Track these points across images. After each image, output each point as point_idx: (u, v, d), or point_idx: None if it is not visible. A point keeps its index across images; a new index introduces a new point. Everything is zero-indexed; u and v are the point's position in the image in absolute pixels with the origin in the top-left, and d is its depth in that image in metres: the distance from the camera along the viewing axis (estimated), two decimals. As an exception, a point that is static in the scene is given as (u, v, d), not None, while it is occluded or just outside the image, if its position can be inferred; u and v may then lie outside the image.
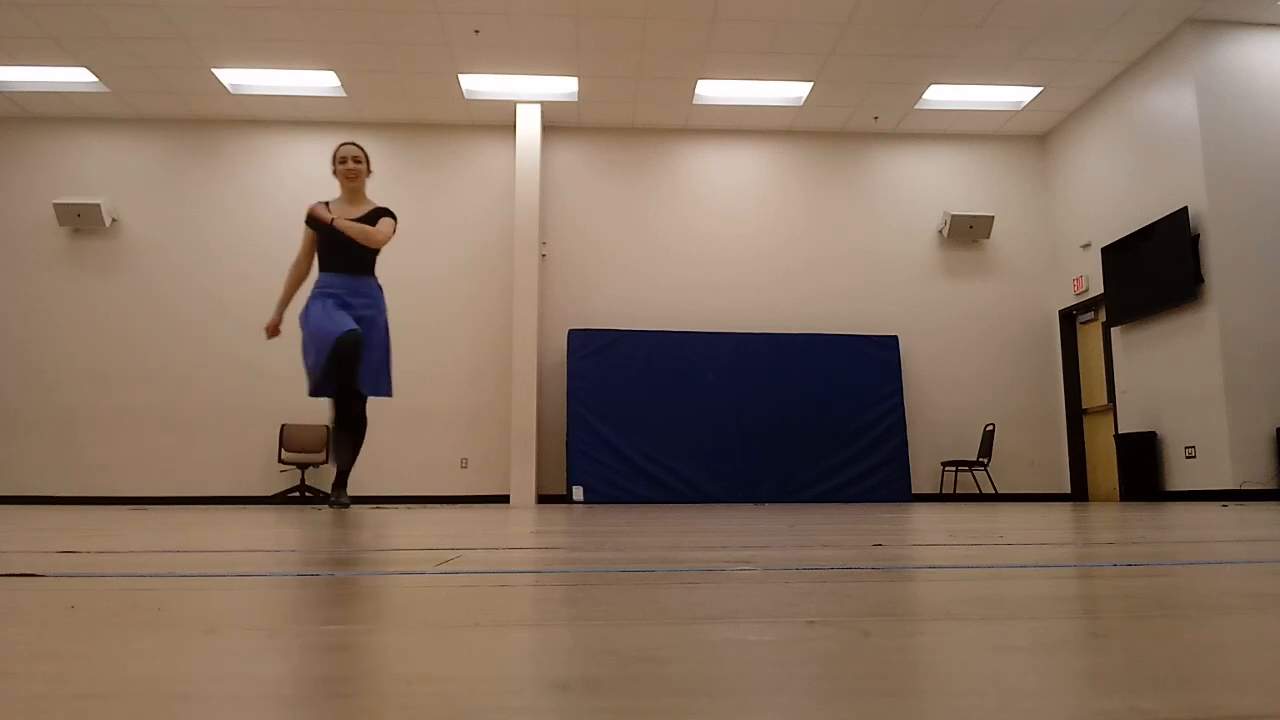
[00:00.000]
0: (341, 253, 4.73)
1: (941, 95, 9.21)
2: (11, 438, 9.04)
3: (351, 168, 4.81)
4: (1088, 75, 8.78)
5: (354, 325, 4.54)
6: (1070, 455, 9.57)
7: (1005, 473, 9.55)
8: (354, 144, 4.88)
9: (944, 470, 9.47)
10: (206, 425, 9.15)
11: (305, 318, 4.66)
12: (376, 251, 4.80)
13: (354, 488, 9.13)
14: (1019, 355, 9.81)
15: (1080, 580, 1.15)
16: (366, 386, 4.66)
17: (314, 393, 4.61)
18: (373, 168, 4.91)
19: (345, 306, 4.66)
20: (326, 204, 4.82)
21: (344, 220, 4.68)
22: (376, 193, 9.62)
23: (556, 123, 9.72)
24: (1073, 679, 0.55)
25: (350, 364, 4.54)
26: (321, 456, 9.05)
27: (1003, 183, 10.07)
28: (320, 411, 9.20)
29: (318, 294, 4.70)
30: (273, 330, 4.83)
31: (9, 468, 8.99)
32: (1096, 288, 9.09)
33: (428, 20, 7.75)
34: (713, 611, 0.85)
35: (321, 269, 4.79)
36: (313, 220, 4.78)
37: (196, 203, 9.53)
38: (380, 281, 4.90)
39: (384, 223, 4.74)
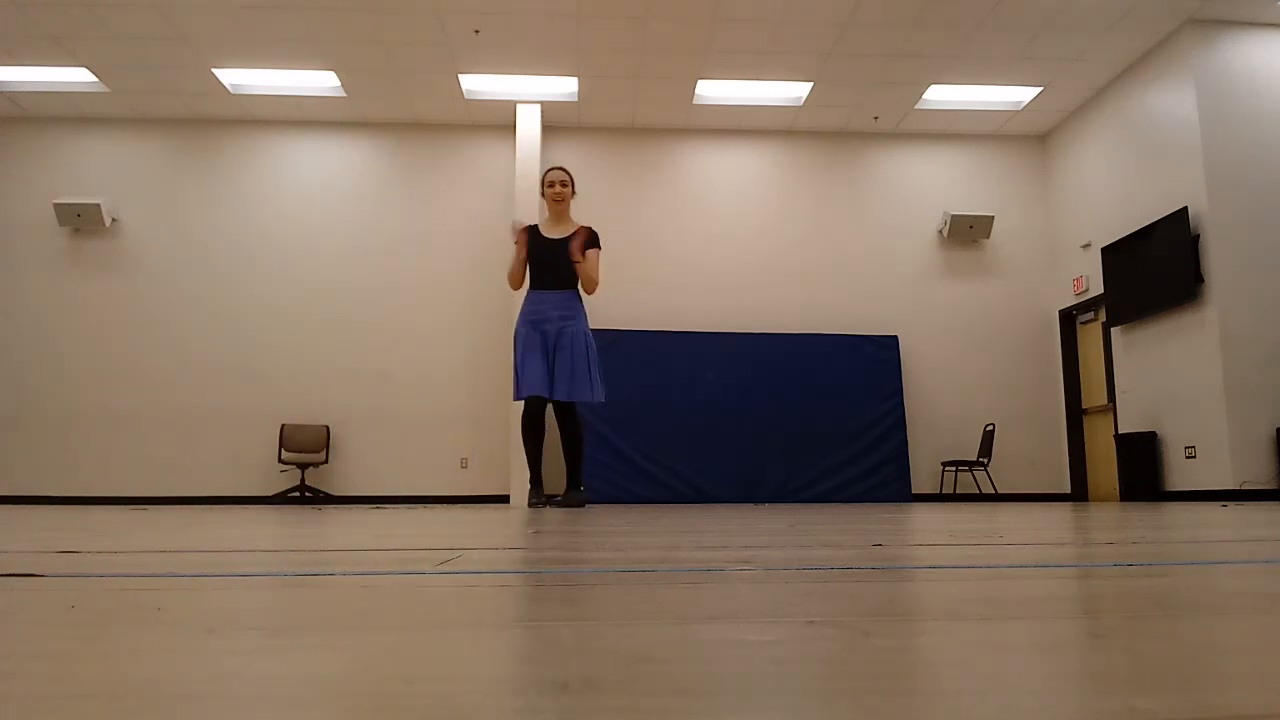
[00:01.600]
0: (550, 272, 5.10)
1: (941, 95, 9.21)
2: (11, 438, 9.04)
3: (559, 191, 5.18)
4: (1088, 75, 8.78)
5: (541, 389, 4.94)
6: (1070, 455, 9.57)
7: (1005, 473, 9.54)
8: (561, 169, 5.25)
9: (944, 470, 9.47)
10: (206, 425, 9.15)
11: (516, 338, 5.11)
12: (575, 268, 5.10)
13: (354, 487, 9.14)
14: (1019, 355, 9.81)
15: (1080, 580, 1.15)
16: (566, 394, 5.01)
17: (521, 396, 5.04)
18: (576, 190, 5.35)
19: (547, 320, 5.02)
20: (536, 227, 5.18)
21: (586, 264, 5.03)
22: (377, 193, 9.63)
23: (556, 123, 9.72)
24: (1073, 679, 0.55)
25: (541, 404, 5.06)
26: (321, 456, 9.06)
27: (1003, 183, 10.07)
28: (318, 412, 9.21)
29: (526, 318, 5.09)
30: (518, 230, 5.13)
31: (8, 468, 8.99)
32: (1096, 288, 9.09)
33: (428, 20, 7.75)
34: (713, 611, 0.85)
35: (532, 286, 5.16)
36: (534, 238, 5.15)
37: (196, 203, 9.53)
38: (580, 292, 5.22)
39: (591, 255, 5.09)
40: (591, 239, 5.12)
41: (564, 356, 4.99)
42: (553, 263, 5.08)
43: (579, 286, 5.14)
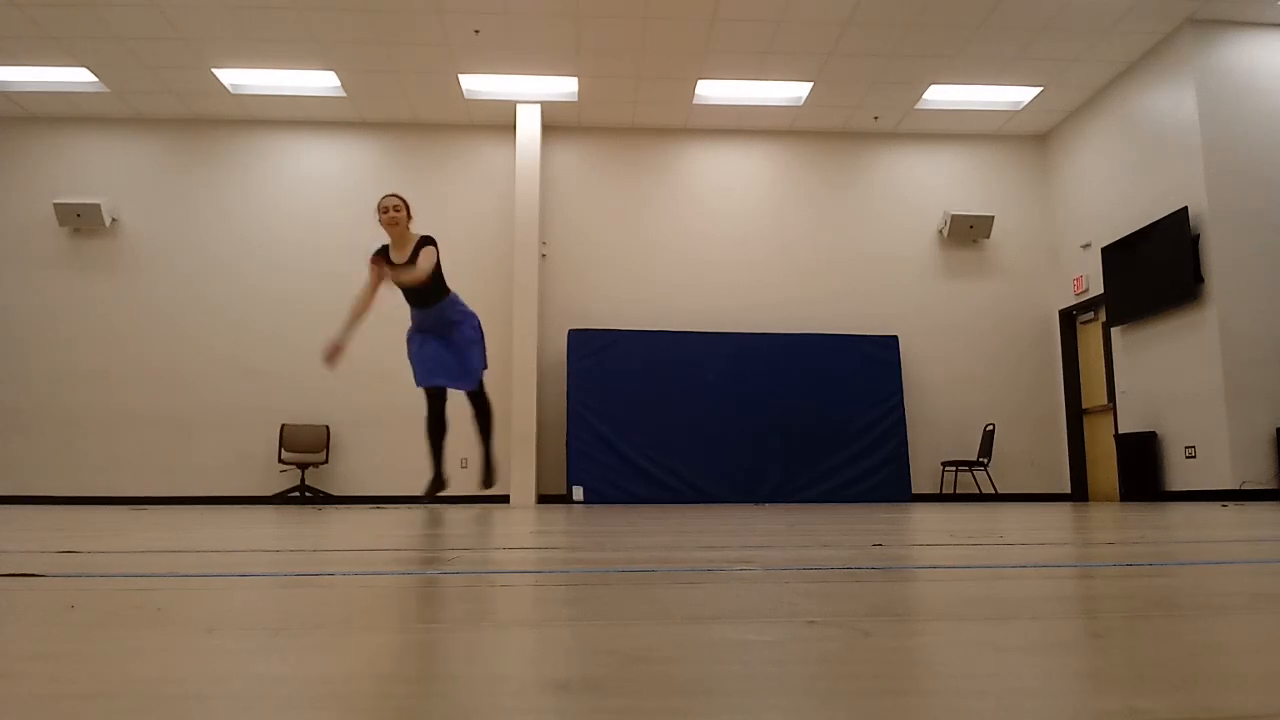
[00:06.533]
0: (413, 296, 5.41)
1: (941, 95, 9.21)
2: (11, 438, 9.04)
3: (392, 216, 5.33)
4: (1088, 75, 8.78)
5: (440, 379, 5.41)
6: (1070, 455, 9.57)
7: (1005, 473, 9.54)
8: (394, 195, 5.43)
9: (944, 470, 9.47)
10: (206, 425, 9.14)
11: (409, 345, 5.56)
12: (439, 277, 5.40)
13: (354, 487, 9.13)
14: (1019, 355, 9.80)
15: (1080, 580, 1.15)
16: (463, 384, 5.49)
17: (420, 384, 5.50)
18: (413, 212, 5.54)
19: (432, 331, 5.46)
20: (385, 249, 5.41)
21: (397, 276, 5.25)
22: (377, 193, 9.62)
23: (556, 123, 9.72)
24: (1073, 679, 0.55)
25: (440, 398, 5.50)
26: (321, 456, 9.05)
27: (1003, 183, 10.07)
28: (318, 412, 9.21)
29: (413, 329, 5.54)
30: (333, 350, 5.27)
31: (9, 468, 8.99)
32: (1096, 288, 9.08)
33: (428, 20, 7.75)
34: (713, 611, 0.85)
35: (410, 304, 5.50)
36: (389, 265, 5.38)
37: (196, 203, 9.52)
38: (455, 293, 5.57)
39: (424, 254, 5.28)
40: (424, 242, 5.38)
41: (452, 350, 5.45)
42: (410, 288, 5.34)
43: (446, 296, 5.48)
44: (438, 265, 5.34)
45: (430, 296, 5.39)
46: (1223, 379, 7.39)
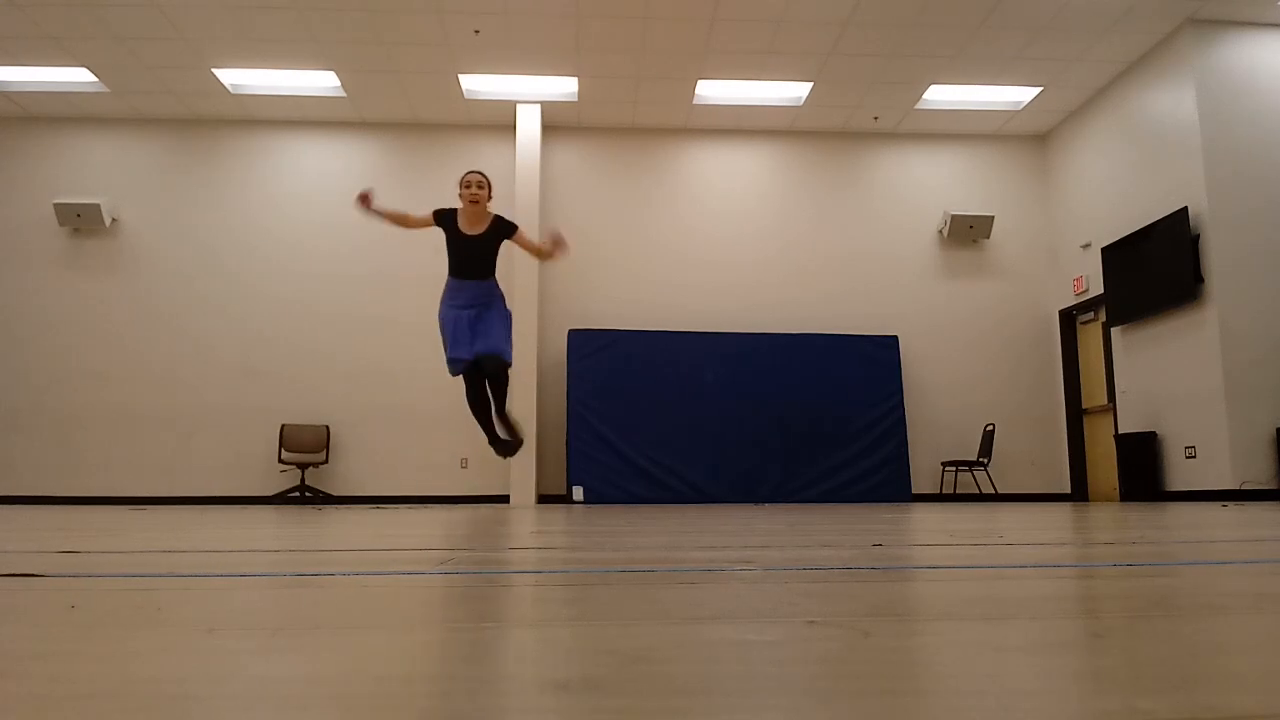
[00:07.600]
0: (469, 266, 5.39)
1: (941, 95, 9.21)
2: (11, 437, 9.03)
3: (474, 193, 5.37)
4: (1088, 75, 8.78)
5: (480, 350, 5.36)
6: (1070, 455, 9.56)
7: (1005, 473, 9.54)
8: (479, 171, 5.43)
9: (944, 470, 9.46)
10: (206, 425, 9.14)
11: (441, 321, 5.46)
12: (495, 258, 5.44)
13: (354, 487, 9.13)
14: (1019, 355, 9.80)
15: (1080, 580, 1.15)
16: (485, 347, 5.36)
17: (453, 374, 5.47)
18: (493, 193, 5.57)
19: (470, 305, 5.39)
20: (451, 213, 5.40)
21: (527, 245, 5.51)
22: (377, 193, 9.61)
23: (556, 123, 9.72)
24: (1073, 679, 0.55)
25: (484, 370, 5.43)
26: (321, 456, 9.05)
27: (1003, 183, 10.07)
28: (318, 412, 9.21)
29: (449, 302, 5.43)
30: (365, 200, 5.35)
31: (9, 468, 8.98)
32: (1096, 288, 9.08)
33: (428, 20, 7.75)
34: (713, 611, 0.85)
35: (451, 274, 5.42)
36: (450, 230, 5.38)
37: (196, 203, 9.52)
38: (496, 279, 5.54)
39: (522, 234, 5.47)
40: (506, 228, 5.43)
41: (483, 324, 5.39)
42: (471, 258, 5.41)
43: (495, 276, 5.47)
44: (498, 244, 5.44)
45: (488, 269, 5.44)
46: (1223, 379, 7.39)
